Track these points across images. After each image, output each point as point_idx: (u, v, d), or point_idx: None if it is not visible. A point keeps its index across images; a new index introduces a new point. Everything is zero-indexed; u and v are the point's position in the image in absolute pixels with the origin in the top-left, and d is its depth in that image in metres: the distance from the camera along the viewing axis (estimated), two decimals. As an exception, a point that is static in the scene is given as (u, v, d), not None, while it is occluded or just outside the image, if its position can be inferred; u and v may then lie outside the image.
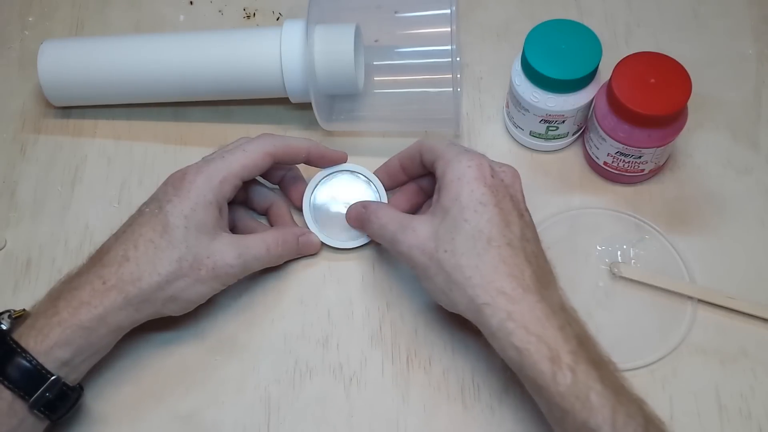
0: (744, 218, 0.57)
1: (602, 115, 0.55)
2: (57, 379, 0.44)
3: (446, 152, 0.49)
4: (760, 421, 0.50)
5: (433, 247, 0.47)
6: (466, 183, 0.47)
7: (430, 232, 0.47)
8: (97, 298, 0.46)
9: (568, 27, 0.56)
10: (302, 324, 0.54)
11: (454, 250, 0.46)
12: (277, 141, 0.52)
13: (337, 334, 0.54)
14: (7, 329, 0.45)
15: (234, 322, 0.54)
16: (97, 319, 0.46)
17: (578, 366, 0.42)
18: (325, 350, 0.53)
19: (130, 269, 0.47)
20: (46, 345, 0.44)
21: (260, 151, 0.51)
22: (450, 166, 0.48)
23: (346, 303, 0.55)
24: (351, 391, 0.51)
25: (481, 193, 0.46)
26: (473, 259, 0.45)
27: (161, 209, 0.49)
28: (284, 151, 0.52)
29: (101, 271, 0.47)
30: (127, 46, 0.60)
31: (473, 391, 0.51)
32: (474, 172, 0.47)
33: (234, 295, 0.55)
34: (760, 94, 0.63)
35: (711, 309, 0.53)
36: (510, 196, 0.48)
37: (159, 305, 0.48)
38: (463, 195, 0.46)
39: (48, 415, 0.45)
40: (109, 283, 0.47)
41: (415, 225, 0.48)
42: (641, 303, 0.54)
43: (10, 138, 0.63)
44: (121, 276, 0.47)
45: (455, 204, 0.46)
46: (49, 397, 0.44)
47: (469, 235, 0.45)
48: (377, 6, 0.59)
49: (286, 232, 0.54)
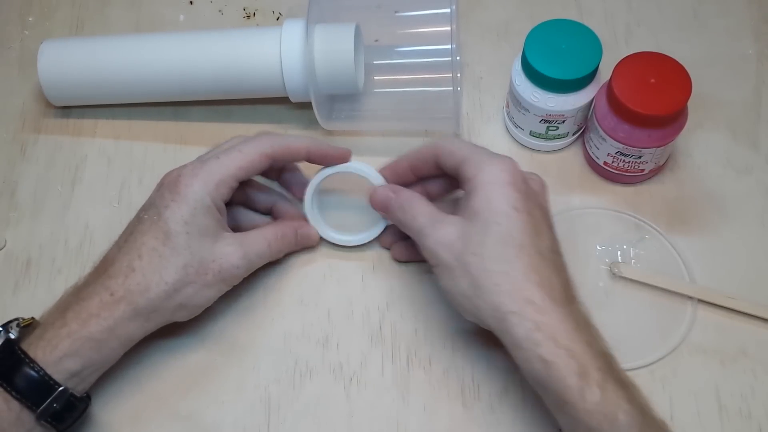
0: (744, 218, 0.57)
1: (602, 115, 0.55)
2: (64, 390, 0.44)
3: (474, 155, 0.47)
4: (760, 421, 0.50)
5: (460, 247, 0.45)
6: (498, 187, 0.45)
7: (459, 232, 0.46)
8: (106, 311, 0.46)
9: (568, 27, 0.56)
10: (302, 324, 0.54)
11: (483, 254, 0.44)
12: (275, 141, 0.51)
13: (337, 334, 0.54)
14: (15, 338, 0.45)
15: (234, 322, 0.54)
16: (107, 331, 0.45)
17: (607, 384, 0.40)
18: (325, 350, 0.53)
19: (137, 280, 0.46)
20: (55, 356, 0.44)
21: (257, 152, 0.50)
22: (481, 169, 0.46)
23: (346, 303, 0.55)
24: (351, 391, 0.51)
25: (515, 198, 0.45)
26: (503, 265, 0.44)
27: (160, 216, 0.48)
28: (282, 151, 0.51)
29: (108, 282, 0.47)
30: (127, 46, 0.60)
31: (473, 391, 0.51)
32: (507, 176, 0.46)
33: (234, 295, 0.55)
34: (760, 94, 0.63)
35: (711, 309, 0.53)
36: (539, 206, 0.47)
37: (168, 314, 0.48)
38: (495, 199, 0.45)
39: (55, 425, 0.45)
40: (117, 294, 0.46)
41: (446, 222, 0.47)
42: (641, 303, 0.54)
43: (10, 138, 0.63)
44: (128, 287, 0.46)
45: (487, 207, 0.45)
46: (57, 408, 0.44)
47: (500, 239, 0.44)
48: (377, 5, 0.59)
49: (285, 226, 0.54)
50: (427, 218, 0.48)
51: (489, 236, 0.44)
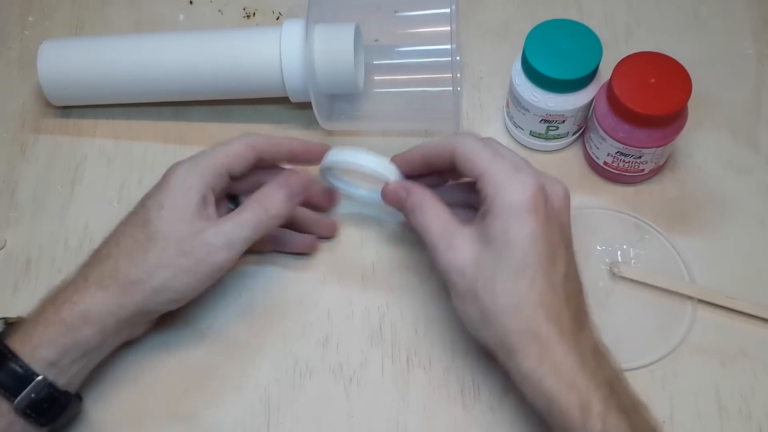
0: (744, 218, 0.57)
1: (602, 115, 0.55)
2: (43, 380, 0.44)
3: (494, 171, 0.45)
4: (760, 421, 0.50)
5: (473, 275, 0.44)
6: (517, 215, 0.43)
7: (472, 257, 0.44)
8: (77, 294, 0.46)
9: (568, 27, 0.56)
10: (302, 324, 0.54)
11: (494, 289, 0.43)
12: (259, 136, 0.51)
13: (337, 334, 0.53)
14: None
15: (234, 322, 0.54)
16: (79, 315, 0.45)
17: (609, 414, 0.40)
18: (325, 350, 0.53)
19: (110, 265, 0.47)
20: (31, 345, 0.44)
21: (241, 143, 0.50)
22: (501, 191, 0.44)
23: (346, 303, 0.55)
24: (351, 391, 0.51)
25: (532, 229, 0.43)
26: (512, 299, 0.43)
27: (143, 205, 0.48)
28: (266, 143, 0.51)
29: (84, 270, 0.47)
30: (127, 46, 0.60)
31: (473, 391, 0.51)
32: (527, 203, 0.43)
33: (234, 295, 0.55)
34: (760, 94, 0.63)
35: (711, 309, 0.53)
36: (560, 225, 0.46)
37: (141, 299, 0.46)
38: (512, 229, 0.43)
39: (36, 419, 0.44)
40: (90, 279, 0.46)
41: (459, 243, 0.45)
42: (641, 303, 0.54)
43: (10, 138, 0.63)
44: (101, 272, 0.46)
45: (503, 236, 0.43)
46: (35, 398, 0.43)
47: (512, 272, 0.43)
48: (377, 5, 0.59)
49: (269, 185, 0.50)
50: (439, 231, 0.46)
51: (501, 268, 0.43)
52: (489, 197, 0.45)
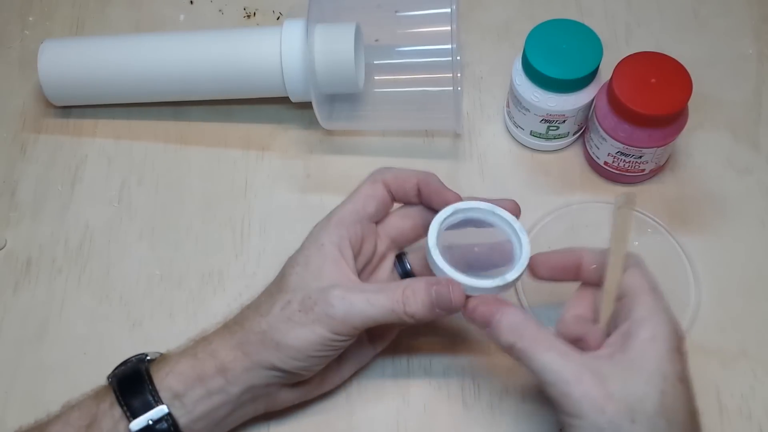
0: (744, 218, 0.57)
1: (603, 115, 0.55)
2: (164, 409, 0.43)
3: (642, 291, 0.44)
4: (760, 421, 0.50)
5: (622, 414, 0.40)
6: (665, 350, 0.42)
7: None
8: (213, 335, 0.46)
9: (568, 27, 0.56)
10: (302, 324, 0.54)
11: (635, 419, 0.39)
12: (386, 169, 0.49)
13: (338, 334, 0.53)
14: (149, 359, 0.46)
15: (234, 322, 0.54)
16: (207, 352, 0.45)
17: None
18: (325, 350, 0.53)
19: (243, 313, 0.47)
20: (164, 372, 0.44)
21: (368, 182, 0.49)
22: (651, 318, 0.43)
23: (346, 303, 0.55)
24: (351, 391, 0.51)
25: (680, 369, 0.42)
26: None
27: (284, 265, 0.48)
28: (393, 176, 0.48)
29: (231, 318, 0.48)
30: (127, 46, 0.60)
31: (473, 390, 0.51)
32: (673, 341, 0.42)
33: (234, 295, 0.55)
34: (760, 94, 0.63)
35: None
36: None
37: (263, 350, 0.44)
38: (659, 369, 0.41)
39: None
40: (226, 324, 0.47)
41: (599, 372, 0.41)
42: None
43: (10, 138, 0.63)
44: (235, 319, 0.47)
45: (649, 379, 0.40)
46: (152, 425, 0.43)
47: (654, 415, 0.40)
48: (377, 5, 0.59)
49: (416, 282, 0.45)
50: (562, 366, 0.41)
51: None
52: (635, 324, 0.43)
